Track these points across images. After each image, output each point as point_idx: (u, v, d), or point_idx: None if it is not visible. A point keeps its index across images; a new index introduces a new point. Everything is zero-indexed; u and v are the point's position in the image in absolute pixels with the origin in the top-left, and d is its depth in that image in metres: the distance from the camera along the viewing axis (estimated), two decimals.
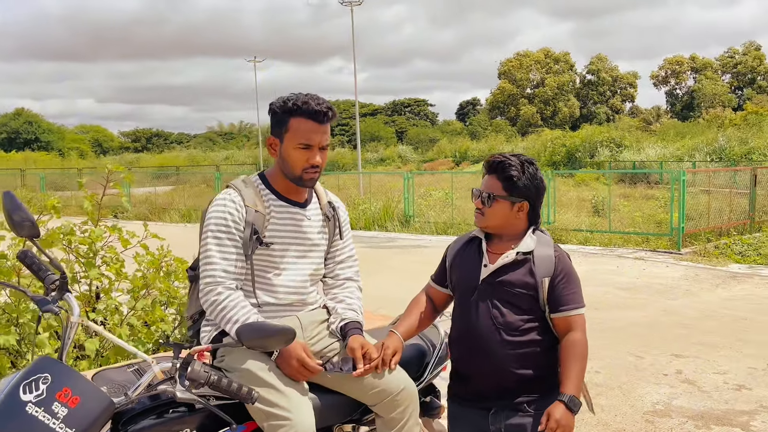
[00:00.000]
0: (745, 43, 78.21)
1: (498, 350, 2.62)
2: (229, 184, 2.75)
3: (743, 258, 11.75)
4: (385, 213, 16.99)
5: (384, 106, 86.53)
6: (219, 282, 2.57)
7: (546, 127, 66.61)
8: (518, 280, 2.62)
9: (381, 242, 14.50)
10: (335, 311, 2.81)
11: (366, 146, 57.76)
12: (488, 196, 2.66)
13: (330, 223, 2.86)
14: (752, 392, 4.99)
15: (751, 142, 33.02)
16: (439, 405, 3.07)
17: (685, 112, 73.66)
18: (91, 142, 78.96)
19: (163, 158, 54.91)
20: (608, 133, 41.29)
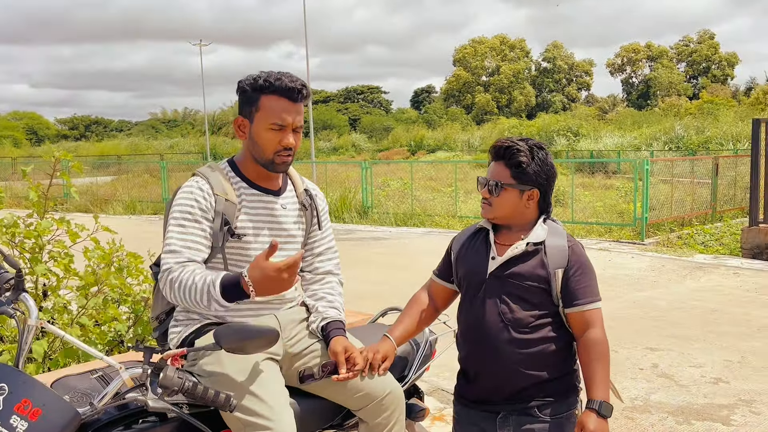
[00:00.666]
0: (700, 31, 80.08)
1: (507, 349, 2.51)
2: (196, 172, 2.60)
3: (706, 248, 11.98)
4: (342, 204, 16.85)
5: (336, 93, 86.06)
6: (176, 268, 2.36)
7: (502, 115, 67.19)
8: (529, 272, 2.50)
9: (339, 234, 14.36)
10: (315, 309, 2.69)
11: (318, 135, 57.39)
12: (496, 184, 2.53)
13: (307, 213, 2.73)
14: (730, 386, 5.04)
15: (708, 131, 33.80)
16: (423, 408, 2.99)
17: (641, 100, 75.13)
18: (26, 129, 76.73)
19: (104, 147, 53.63)
20: (565, 121, 41.85)
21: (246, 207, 2.54)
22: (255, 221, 2.55)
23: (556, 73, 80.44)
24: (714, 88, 68.56)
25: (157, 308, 2.68)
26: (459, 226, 14.90)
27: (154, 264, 2.71)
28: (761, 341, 6.07)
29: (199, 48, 51.39)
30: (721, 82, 74.44)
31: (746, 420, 4.44)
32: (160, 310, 2.67)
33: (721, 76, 76.18)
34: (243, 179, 2.58)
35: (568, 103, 78.23)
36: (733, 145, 29.91)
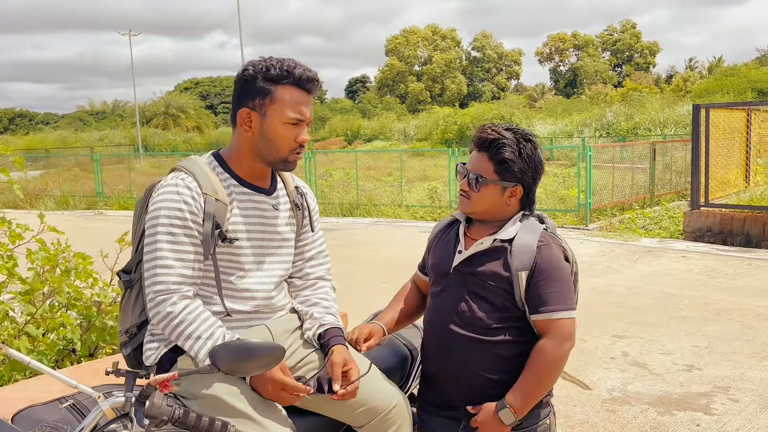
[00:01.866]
0: (623, 21, 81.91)
1: (464, 350, 2.29)
2: (178, 167, 2.25)
3: (647, 231, 12.08)
4: None
5: None
6: (174, 290, 2.11)
7: (435, 104, 67.36)
8: (491, 271, 2.27)
9: None
10: (311, 316, 2.39)
11: None
12: (476, 179, 2.29)
13: (299, 213, 2.43)
14: (703, 372, 4.95)
15: (636, 117, 34.50)
16: None
17: (569, 88, 76.46)
18: None
19: (31, 140, 51.34)
20: (498, 110, 42.10)
21: (237, 208, 2.23)
22: (247, 223, 2.25)
23: (485, 62, 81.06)
24: (637, 76, 70.26)
25: (127, 320, 2.33)
26: (406, 215, 14.70)
27: (124, 271, 2.37)
28: (723, 325, 6.03)
29: (129, 38, 49.76)
30: (644, 70, 76.35)
31: (726, 408, 4.34)
32: (131, 323, 2.33)
33: (644, 64, 78.14)
34: (233, 176, 2.26)
35: (498, 92, 78.96)
36: (660, 130, 30.61)
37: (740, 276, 7.98)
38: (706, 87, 42.78)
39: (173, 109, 61.06)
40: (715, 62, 65.52)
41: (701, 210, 10.86)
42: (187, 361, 2.14)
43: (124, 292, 2.35)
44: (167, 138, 52.58)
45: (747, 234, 10.20)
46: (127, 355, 2.35)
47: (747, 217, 10.23)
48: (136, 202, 2.39)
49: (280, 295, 2.39)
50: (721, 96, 35.32)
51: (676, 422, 4.16)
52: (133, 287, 2.32)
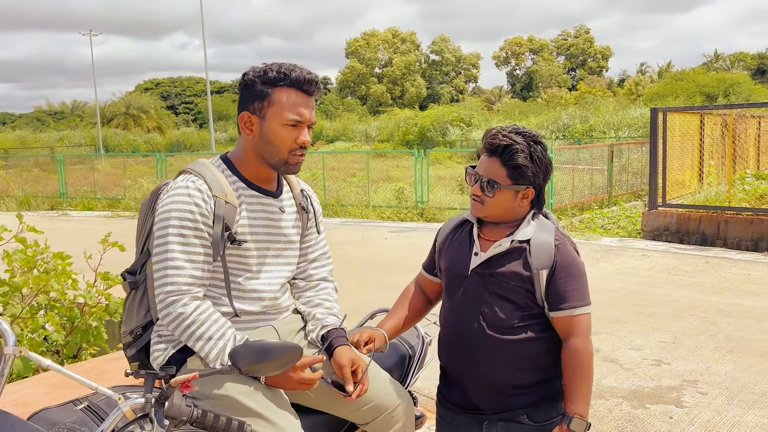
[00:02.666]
0: (577, 26, 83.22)
1: (488, 351, 2.29)
2: (187, 170, 2.23)
3: (606, 231, 12.30)
4: None
5: (231, 84, 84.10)
6: (184, 291, 2.09)
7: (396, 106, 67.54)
8: (512, 271, 2.27)
9: None
10: (314, 317, 2.39)
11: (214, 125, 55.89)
12: (490, 184, 2.28)
13: (305, 215, 2.42)
14: (672, 367, 5.06)
15: (591, 120, 35.06)
16: (420, 415, 2.75)
17: (525, 92, 77.38)
18: None
19: None
20: (457, 112, 42.34)
21: (246, 210, 2.22)
22: (254, 226, 2.24)
23: (444, 65, 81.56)
24: (591, 80, 71.47)
25: (132, 321, 2.30)
26: (373, 215, 14.72)
27: (128, 272, 2.34)
28: (687, 321, 6.18)
29: (89, 38, 48.82)
30: (597, 74, 77.69)
31: (696, 401, 4.45)
32: (136, 324, 2.30)
33: (597, 68, 79.48)
34: (241, 179, 2.25)
35: (456, 94, 79.53)
36: (614, 133, 31.14)
37: (699, 273, 8.18)
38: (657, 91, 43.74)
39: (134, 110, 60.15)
40: (665, 67, 66.96)
41: (659, 210, 11.10)
42: (196, 361, 2.13)
43: (129, 293, 2.32)
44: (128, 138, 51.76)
45: (702, 233, 10.46)
46: (131, 356, 2.32)
47: (702, 217, 10.49)
48: (142, 204, 2.36)
49: (284, 296, 2.39)
50: (672, 100, 36.13)
51: (650, 415, 4.25)
52: (138, 288, 2.29)
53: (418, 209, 14.55)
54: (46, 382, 3.32)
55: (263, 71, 2.16)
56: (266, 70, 2.16)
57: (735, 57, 67.48)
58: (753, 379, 4.79)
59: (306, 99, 2.18)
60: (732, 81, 40.80)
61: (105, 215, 17.02)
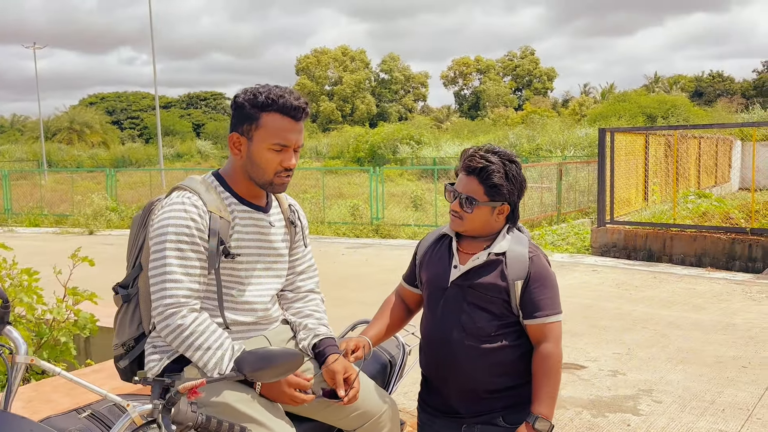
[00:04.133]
0: (522, 47, 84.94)
1: (468, 358, 2.42)
2: (181, 186, 2.31)
3: (556, 247, 12.62)
4: None
5: (178, 99, 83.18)
6: (183, 303, 2.16)
7: (346, 123, 67.77)
8: (489, 282, 2.42)
9: None
10: (305, 327, 2.48)
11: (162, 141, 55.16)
12: (468, 200, 2.43)
13: (293, 229, 2.52)
14: (627, 377, 5.27)
15: (537, 139, 35.82)
16: (402, 422, 2.85)
17: (472, 111, 78.45)
18: None
19: None
20: (407, 130, 42.74)
21: (238, 225, 2.31)
22: (246, 240, 2.33)
23: (393, 84, 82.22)
24: (536, 100, 72.98)
25: (125, 334, 2.36)
26: (329, 232, 14.78)
27: (120, 285, 2.40)
28: (639, 333, 6.42)
29: (33, 51, 47.75)
30: (542, 95, 79.36)
31: (652, 409, 4.65)
32: (129, 336, 2.36)
33: (542, 89, 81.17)
34: (233, 195, 2.34)
35: (405, 112, 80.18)
36: (561, 152, 31.89)
37: (648, 288, 8.48)
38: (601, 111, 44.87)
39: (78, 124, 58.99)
40: (608, 88, 68.82)
41: (607, 227, 11.46)
42: (192, 371, 2.19)
43: (121, 306, 2.38)
44: (72, 153, 50.72)
45: (649, 249, 10.83)
46: (122, 368, 2.37)
47: (649, 234, 10.87)
48: (134, 218, 2.42)
49: (274, 306, 2.47)
50: (615, 120, 37.15)
51: (609, 423, 4.43)
52: (130, 301, 2.35)
53: (373, 226, 14.68)
54: (23, 395, 3.31)
55: (253, 95, 2.25)
56: (256, 93, 2.24)
57: (673, 79, 69.89)
58: (704, 387, 5.02)
59: (293, 124, 2.26)
60: (672, 103, 42.18)
61: (53, 231, 16.67)
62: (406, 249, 12.24)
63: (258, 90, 2.27)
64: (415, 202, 17.45)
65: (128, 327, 2.36)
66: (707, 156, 18.50)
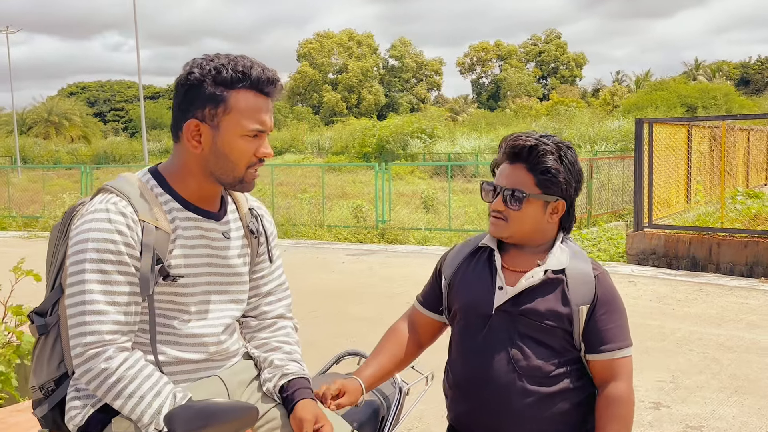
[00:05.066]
0: (547, 31, 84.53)
1: (519, 404, 2.11)
2: (107, 188, 1.98)
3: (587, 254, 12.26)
4: None
5: (167, 89, 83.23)
6: (108, 342, 1.84)
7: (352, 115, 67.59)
8: (548, 308, 2.11)
9: None
10: (270, 363, 2.16)
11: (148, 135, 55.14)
12: (514, 194, 2.13)
13: (254, 241, 2.19)
14: (672, 410, 4.93)
15: (564, 132, 35.47)
16: None
17: (492, 101, 78.18)
18: None
19: None
20: (419, 122, 42.47)
21: (181, 238, 1.98)
22: (192, 256, 2.00)
23: (404, 71, 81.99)
24: (563, 89, 72.61)
25: (42, 374, 2.06)
26: (328, 236, 14.49)
27: (37, 312, 2.09)
28: (685, 357, 6.08)
29: (6, 36, 47.75)
30: (570, 83, 78.97)
31: None
32: (48, 377, 2.05)
33: (570, 76, 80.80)
34: (176, 198, 2.00)
35: (417, 103, 79.96)
36: (590, 146, 31.54)
37: (693, 302, 8.13)
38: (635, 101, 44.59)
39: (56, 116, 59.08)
40: (643, 76, 68.38)
41: (645, 231, 11.09)
42: (122, 423, 1.88)
43: (38, 340, 2.07)
44: (49, 148, 50.77)
45: (693, 256, 10.47)
46: (42, 417, 2.06)
47: (693, 239, 10.50)
48: (53, 228, 2.11)
49: (232, 338, 2.15)
50: (651, 111, 36.79)
51: None
52: (49, 333, 2.04)
53: (378, 229, 14.37)
54: None
55: (215, 69, 1.92)
56: (218, 67, 1.92)
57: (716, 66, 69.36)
58: (763, 424, 4.68)
59: (266, 102, 1.97)
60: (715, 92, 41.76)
61: (21, 235, 16.45)
62: (414, 257, 11.93)
63: (220, 62, 1.94)
64: (426, 202, 17.14)
65: (47, 365, 2.05)
66: (757, 150, 18.12)
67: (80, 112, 63.63)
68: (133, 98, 79.50)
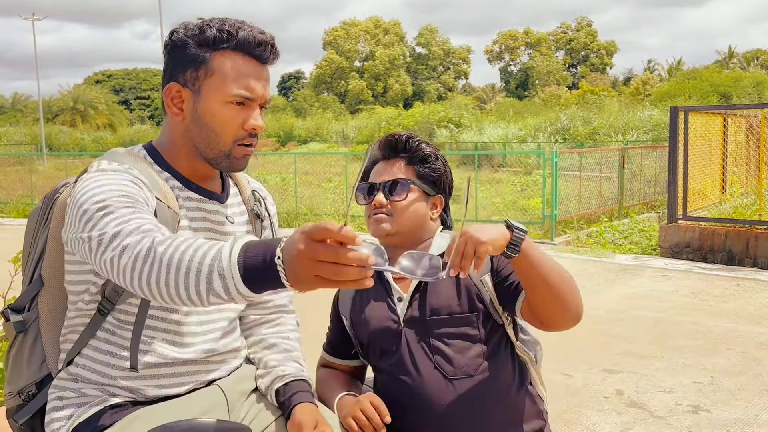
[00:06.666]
0: (578, 18, 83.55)
1: (459, 409, 1.97)
2: (101, 161, 1.77)
3: (617, 246, 11.97)
4: None
5: None
6: (150, 230, 1.46)
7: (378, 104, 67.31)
8: (452, 299, 2.02)
9: None
10: (264, 365, 1.96)
11: None
12: (396, 183, 2.08)
13: (258, 225, 1.99)
14: (711, 414, 4.66)
15: (594, 122, 34.90)
16: None
17: (520, 90, 77.53)
18: None
19: None
20: (445, 111, 42.08)
21: (185, 219, 1.78)
22: None
23: (431, 59, 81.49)
24: (593, 78, 71.74)
25: (21, 377, 1.86)
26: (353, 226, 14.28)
27: (12, 308, 1.89)
28: (724, 356, 5.79)
29: (32, 23, 48.11)
30: (600, 72, 78.02)
31: None
32: (27, 380, 1.86)
33: (600, 65, 79.83)
34: (175, 176, 1.80)
35: (444, 92, 79.46)
36: (621, 136, 30.99)
37: (730, 298, 7.82)
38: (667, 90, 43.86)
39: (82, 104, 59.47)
40: (675, 64, 67.32)
41: (679, 223, 10.77)
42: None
43: (15, 338, 1.88)
44: (75, 136, 51.08)
45: (729, 250, 10.13)
46: (20, 427, 1.87)
47: (729, 232, 10.16)
48: (31, 213, 1.92)
49: (233, 334, 1.95)
50: (684, 100, 36.13)
51: None
52: (28, 331, 1.85)
53: None
54: None
55: (199, 29, 1.72)
56: (203, 27, 1.72)
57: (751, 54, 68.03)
58: None
59: (258, 68, 1.75)
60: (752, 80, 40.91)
61: None
62: None
63: (206, 22, 1.73)
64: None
65: (26, 367, 1.86)
66: None
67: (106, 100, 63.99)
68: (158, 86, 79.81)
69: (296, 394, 1.88)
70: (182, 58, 1.74)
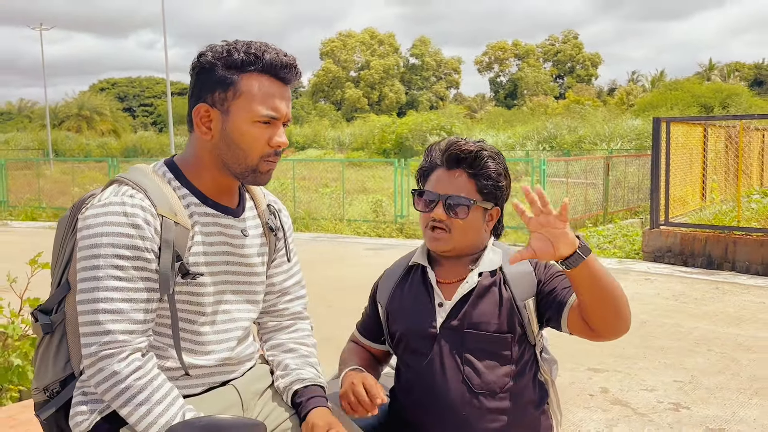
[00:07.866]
0: (565, 31, 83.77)
1: (481, 425, 1.96)
2: (121, 179, 1.82)
3: (602, 251, 12.03)
4: None
5: None
6: (122, 343, 1.68)
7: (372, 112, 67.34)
8: (492, 316, 1.98)
9: None
10: (284, 367, 2.01)
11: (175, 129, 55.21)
12: (459, 203, 1.99)
13: (272, 238, 2.03)
14: (692, 412, 4.72)
15: (580, 130, 35.02)
16: None
17: (509, 99, 77.65)
18: None
19: None
20: (437, 120, 42.09)
21: (200, 234, 1.82)
22: (211, 254, 1.84)
23: (424, 70, 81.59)
24: (579, 88, 71.90)
25: (47, 375, 1.91)
26: (348, 230, 14.33)
27: (41, 310, 1.94)
28: (704, 357, 5.86)
29: (40, 32, 48.03)
30: (586, 82, 78.20)
31: None
32: (52, 378, 1.91)
33: (585, 76, 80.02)
34: (193, 192, 1.84)
35: (436, 101, 79.50)
36: (606, 144, 31.10)
37: (710, 301, 7.90)
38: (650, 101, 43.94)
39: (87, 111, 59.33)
40: (658, 76, 67.52)
41: (661, 229, 10.85)
42: None
43: (43, 339, 1.92)
44: (80, 142, 50.95)
45: (709, 255, 10.21)
46: (45, 420, 1.92)
47: (709, 237, 10.24)
48: (60, 221, 1.97)
49: (247, 341, 2.00)
50: (666, 110, 36.24)
51: None
52: (54, 332, 1.90)
53: (397, 224, 14.20)
54: None
55: (227, 51, 1.77)
56: (231, 50, 1.76)
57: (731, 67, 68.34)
58: None
59: (282, 89, 1.80)
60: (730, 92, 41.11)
61: (50, 226, 16.44)
62: None
63: (232, 45, 1.79)
64: None
65: (52, 366, 1.91)
66: None
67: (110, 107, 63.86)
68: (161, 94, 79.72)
69: (313, 398, 1.93)
70: (210, 79, 1.78)
